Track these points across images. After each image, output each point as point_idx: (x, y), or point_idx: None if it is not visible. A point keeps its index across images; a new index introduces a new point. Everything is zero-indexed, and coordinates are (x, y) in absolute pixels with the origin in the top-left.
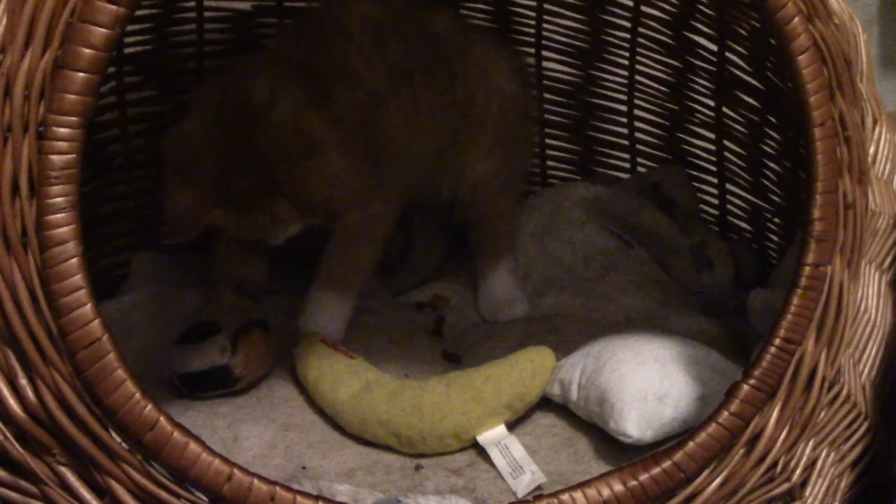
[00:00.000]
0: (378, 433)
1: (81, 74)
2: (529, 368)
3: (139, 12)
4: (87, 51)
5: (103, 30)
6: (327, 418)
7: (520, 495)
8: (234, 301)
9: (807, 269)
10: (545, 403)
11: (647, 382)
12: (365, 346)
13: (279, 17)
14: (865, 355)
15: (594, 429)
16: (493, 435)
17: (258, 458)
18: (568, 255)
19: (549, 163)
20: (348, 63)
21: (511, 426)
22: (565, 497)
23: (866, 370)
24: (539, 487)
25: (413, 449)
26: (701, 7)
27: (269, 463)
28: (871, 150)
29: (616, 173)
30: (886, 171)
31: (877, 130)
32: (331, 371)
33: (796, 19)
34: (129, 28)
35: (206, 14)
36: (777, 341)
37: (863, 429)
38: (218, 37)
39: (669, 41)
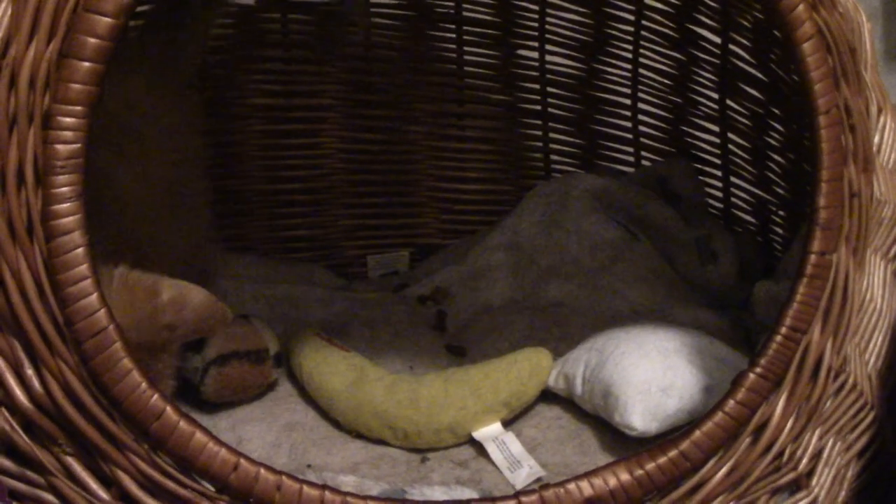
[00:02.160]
0: (372, 425)
1: (86, 64)
2: (528, 367)
3: (144, 7)
4: (92, 40)
5: (108, 19)
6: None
7: (518, 488)
8: (237, 327)
9: (812, 258)
10: (550, 396)
11: (651, 374)
12: (369, 339)
13: (282, 12)
14: (872, 344)
15: (599, 421)
16: (490, 431)
17: (263, 458)
18: (574, 245)
19: (553, 157)
20: None
21: (509, 423)
22: (571, 486)
23: (872, 359)
24: (539, 480)
25: (407, 442)
26: None
27: (274, 463)
28: (876, 139)
29: (620, 167)
30: (892, 160)
31: (881, 119)
32: (325, 362)
33: (800, 7)
34: (134, 23)
35: None
36: (783, 330)
37: (869, 418)
38: (221, 31)
39: (673, 34)
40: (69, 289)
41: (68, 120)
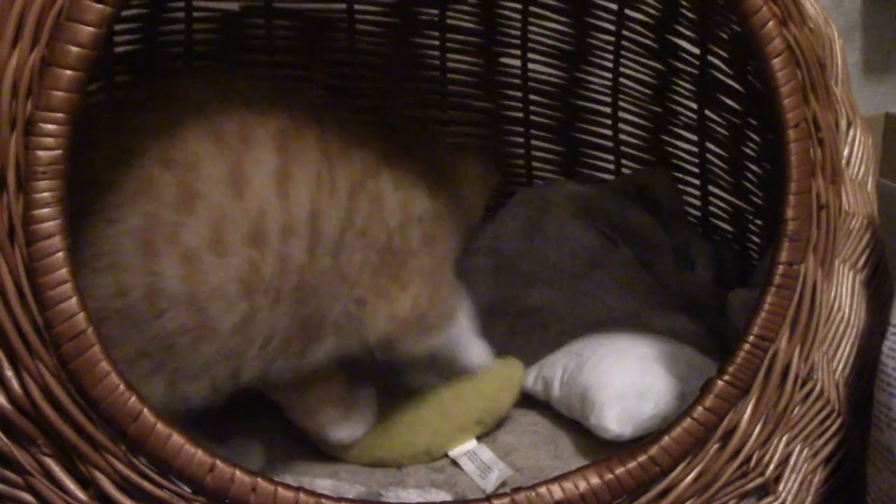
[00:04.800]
0: (350, 454)
1: (68, 72)
2: (497, 384)
3: (128, 12)
4: (75, 49)
5: (90, 28)
6: None
7: (489, 491)
8: None
9: (780, 268)
10: (527, 402)
11: (628, 379)
12: None
13: (267, 18)
14: (839, 353)
15: (574, 426)
16: (464, 448)
17: None
18: (555, 252)
19: (534, 164)
20: None
21: (484, 434)
22: (543, 490)
23: (840, 367)
24: (504, 484)
25: (385, 466)
26: (683, 11)
27: None
28: (846, 151)
29: (600, 174)
30: (860, 173)
31: (851, 132)
32: None
33: (770, 23)
34: (119, 28)
35: (195, 14)
36: (751, 338)
37: (836, 425)
38: (206, 37)
39: (653, 44)
40: (49, 292)
41: (50, 126)
